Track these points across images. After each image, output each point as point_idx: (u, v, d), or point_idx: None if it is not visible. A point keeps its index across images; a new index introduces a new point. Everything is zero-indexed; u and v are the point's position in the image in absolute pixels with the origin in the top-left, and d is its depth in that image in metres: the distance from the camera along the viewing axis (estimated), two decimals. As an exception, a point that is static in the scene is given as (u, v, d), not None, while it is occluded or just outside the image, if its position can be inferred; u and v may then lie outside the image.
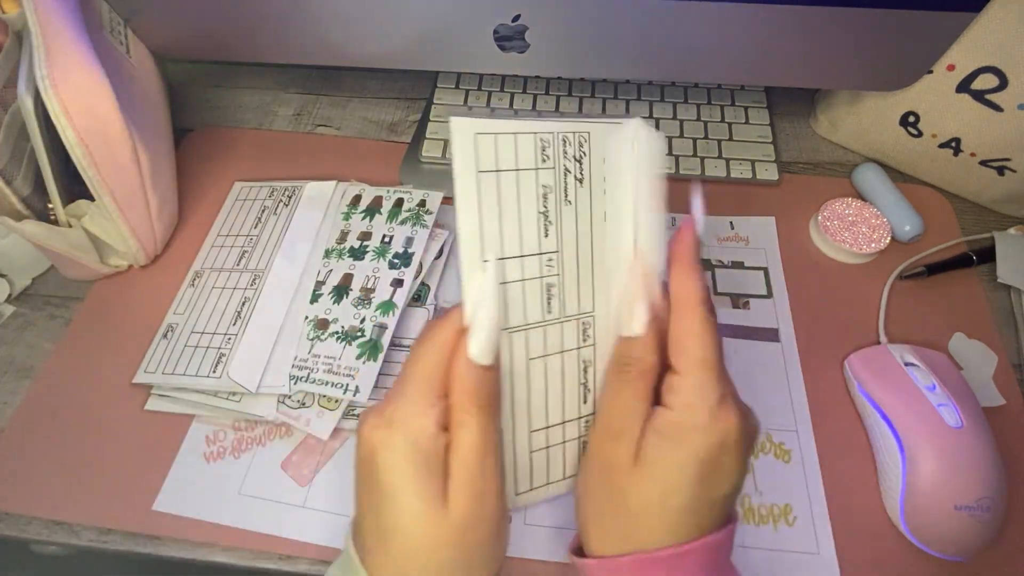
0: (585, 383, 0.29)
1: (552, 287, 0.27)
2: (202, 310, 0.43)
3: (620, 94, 0.54)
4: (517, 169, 0.25)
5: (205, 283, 0.45)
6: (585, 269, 0.28)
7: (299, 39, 0.46)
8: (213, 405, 0.39)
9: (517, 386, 0.28)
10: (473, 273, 0.25)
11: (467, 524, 0.24)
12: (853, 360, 0.40)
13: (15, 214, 0.39)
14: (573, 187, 0.26)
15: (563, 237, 0.27)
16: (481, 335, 0.24)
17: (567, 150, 0.26)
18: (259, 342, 0.40)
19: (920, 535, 0.34)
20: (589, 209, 0.27)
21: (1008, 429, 0.38)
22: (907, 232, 0.46)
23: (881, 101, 0.48)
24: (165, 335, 0.42)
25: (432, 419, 0.24)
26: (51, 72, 0.35)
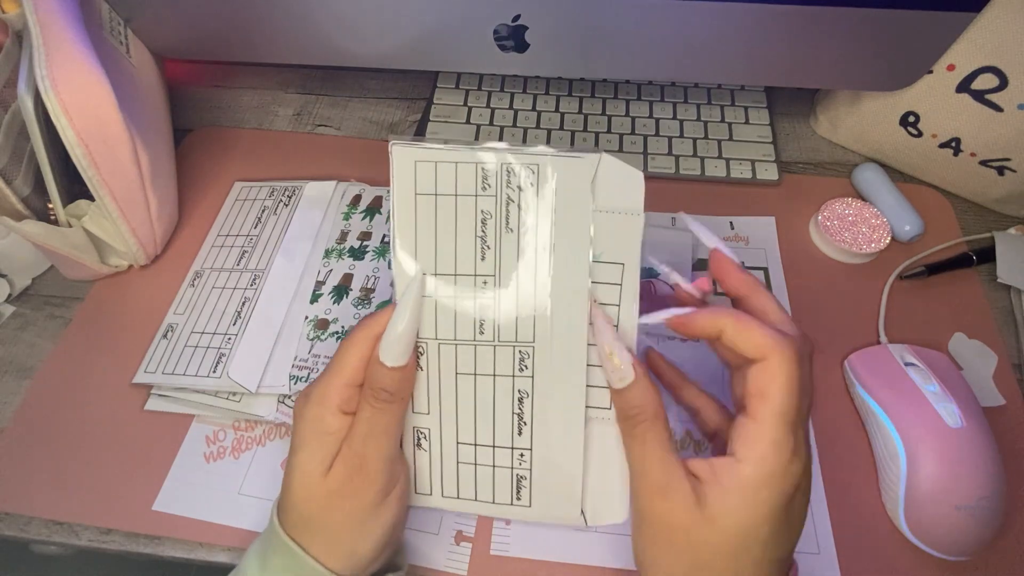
0: (520, 414, 0.29)
1: (486, 308, 0.28)
2: (202, 310, 0.43)
3: (620, 94, 0.54)
4: (456, 195, 0.26)
5: (205, 283, 0.45)
6: (525, 298, 0.27)
7: (299, 39, 0.46)
8: (213, 405, 0.39)
9: (445, 393, 0.29)
10: (401, 284, 0.27)
11: (340, 492, 0.27)
12: (853, 360, 0.40)
13: (15, 214, 0.39)
14: (516, 216, 0.27)
15: (500, 263, 0.27)
16: (387, 341, 0.27)
17: (511, 180, 0.26)
18: (259, 342, 0.40)
19: (920, 535, 0.34)
20: (535, 239, 0.27)
21: (1008, 429, 0.38)
22: (907, 232, 0.46)
23: (881, 101, 0.48)
24: (165, 335, 0.42)
25: (336, 402, 0.27)
26: (51, 72, 0.35)
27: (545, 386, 0.28)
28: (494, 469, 0.30)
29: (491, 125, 0.52)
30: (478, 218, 0.27)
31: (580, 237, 0.27)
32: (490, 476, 0.30)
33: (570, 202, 0.26)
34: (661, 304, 0.45)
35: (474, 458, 0.30)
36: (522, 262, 0.27)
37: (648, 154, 0.51)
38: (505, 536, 0.36)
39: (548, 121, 0.53)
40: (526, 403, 0.29)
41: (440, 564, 0.35)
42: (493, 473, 0.30)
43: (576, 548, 0.35)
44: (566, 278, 0.27)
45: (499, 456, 0.30)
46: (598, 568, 0.35)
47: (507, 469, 0.30)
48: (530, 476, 0.30)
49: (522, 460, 0.30)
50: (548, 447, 0.29)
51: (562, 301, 0.27)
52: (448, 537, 0.35)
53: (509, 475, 0.30)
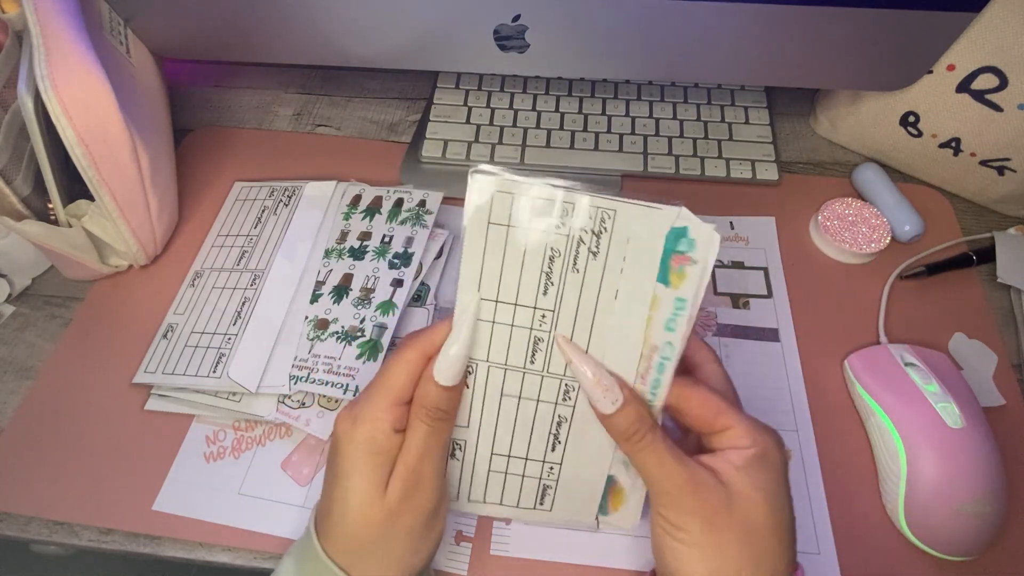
0: (557, 435, 0.31)
1: (540, 341, 0.29)
2: (202, 310, 0.43)
3: (620, 94, 0.54)
4: (528, 228, 0.27)
5: (205, 283, 0.45)
6: (581, 337, 0.28)
7: (299, 39, 0.46)
8: (213, 405, 0.39)
9: (487, 410, 0.30)
10: (463, 306, 0.28)
11: (399, 510, 0.28)
12: (853, 360, 0.40)
13: (15, 214, 0.39)
14: (585, 258, 0.27)
15: (563, 300, 0.28)
16: (444, 363, 0.28)
17: (586, 223, 0.27)
18: (259, 342, 0.40)
19: (920, 535, 0.34)
20: (599, 283, 0.27)
21: (1008, 429, 0.38)
22: (907, 232, 0.46)
23: (881, 101, 0.48)
24: (165, 335, 0.42)
25: (389, 421, 0.28)
26: (51, 72, 0.35)
27: (583, 418, 0.30)
28: (523, 479, 0.32)
29: (491, 125, 0.52)
30: (546, 254, 0.27)
31: (644, 289, 0.27)
32: (518, 484, 0.32)
33: (640, 253, 0.27)
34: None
35: (505, 468, 0.32)
36: (584, 302, 0.28)
37: (648, 154, 0.51)
38: (505, 536, 0.36)
39: (548, 121, 0.53)
40: (563, 427, 0.30)
41: (440, 564, 0.35)
42: (521, 482, 0.32)
43: (576, 548, 0.35)
44: (623, 327, 0.27)
45: (530, 468, 0.31)
46: (598, 568, 0.35)
47: (535, 479, 0.32)
48: (556, 486, 0.32)
49: (551, 472, 0.32)
50: (576, 464, 0.31)
51: (614, 348, 0.28)
52: (448, 537, 0.35)
53: (536, 484, 0.32)
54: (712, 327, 0.43)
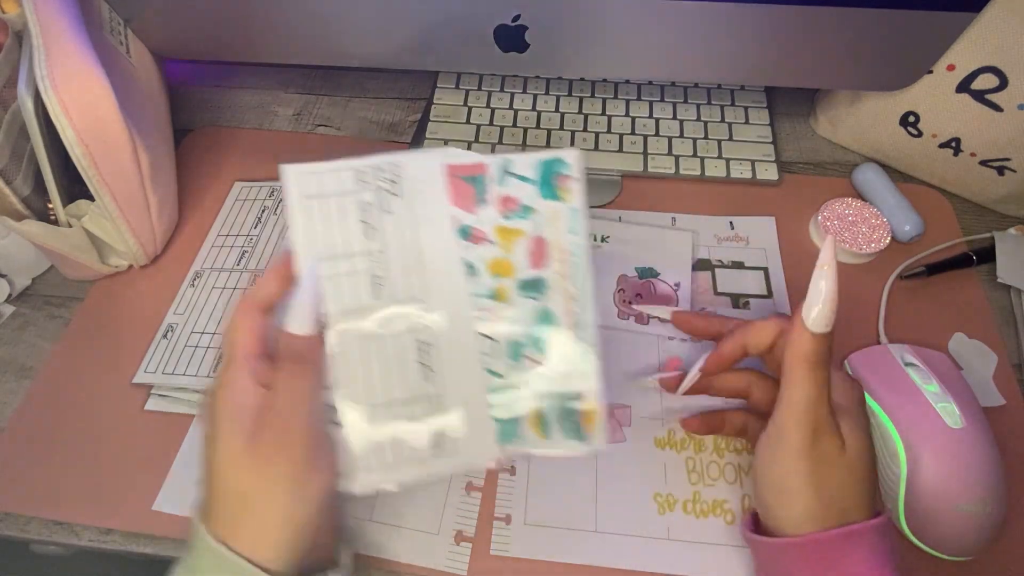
0: (425, 362, 0.32)
1: (380, 278, 0.31)
2: (202, 310, 0.43)
3: (620, 94, 0.54)
4: (340, 193, 0.32)
5: (205, 283, 0.45)
6: (412, 264, 0.32)
7: (299, 39, 0.46)
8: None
9: (353, 360, 0.31)
10: (299, 263, 0.31)
11: (271, 456, 0.28)
12: (853, 360, 0.40)
13: (15, 214, 0.39)
14: (389, 201, 0.32)
15: (386, 239, 0.32)
16: (293, 310, 0.29)
17: (382, 175, 0.32)
18: (259, 342, 0.40)
19: (920, 535, 0.34)
20: (410, 217, 0.32)
21: (1008, 429, 0.38)
22: (907, 232, 0.46)
23: (881, 101, 0.48)
24: (165, 335, 0.42)
25: (244, 377, 0.28)
26: (51, 72, 0.35)
27: (444, 334, 0.32)
28: (412, 425, 0.31)
29: (491, 125, 0.52)
30: (360, 207, 0.32)
31: (440, 212, 0.32)
32: (411, 433, 0.31)
33: (426, 186, 0.32)
34: (661, 303, 0.45)
35: (392, 416, 0.31)
36: (406, 237, 0.32)
37: (648, 154, 0.51)
38: (505, 536, 0.36)
39: (548, 121, 0.53)
40: (430, 352, 0.32)
41: (440, 564, 0.35)
42: (413, 429, 0.31)
43: (576, 548, 0.35)
44: (434, 241, 0.32)
45: (415, 409, 0.31)
46: (598, 568, 0.35)
47: (423, 424, 0.32)
48: (447, 424, 0.32)
49: (437, 408, 0.32)
50: (457, 391, 0.32)
51: (437, 260, 0.32)
52: (448, 537, 0.36)
53: (427, 429, 0.32)
54: (712, 327, 0.43)
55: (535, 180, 0.33)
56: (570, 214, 0.32)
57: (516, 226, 0.33)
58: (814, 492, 0.29)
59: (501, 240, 0.32)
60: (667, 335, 0.42)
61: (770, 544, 0.30)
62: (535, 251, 0.32)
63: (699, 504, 0.37)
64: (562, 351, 0.32)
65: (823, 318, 0.30)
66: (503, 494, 0.37)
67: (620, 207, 0.49)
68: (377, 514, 0.36)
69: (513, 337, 0.32)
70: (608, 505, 0.36)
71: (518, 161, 0.33)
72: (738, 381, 0.36)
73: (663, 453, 0.38)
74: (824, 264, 0.30)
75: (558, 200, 0.32)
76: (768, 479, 0.31)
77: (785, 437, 0.30)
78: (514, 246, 0.32)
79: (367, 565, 0.35)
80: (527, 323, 0.32)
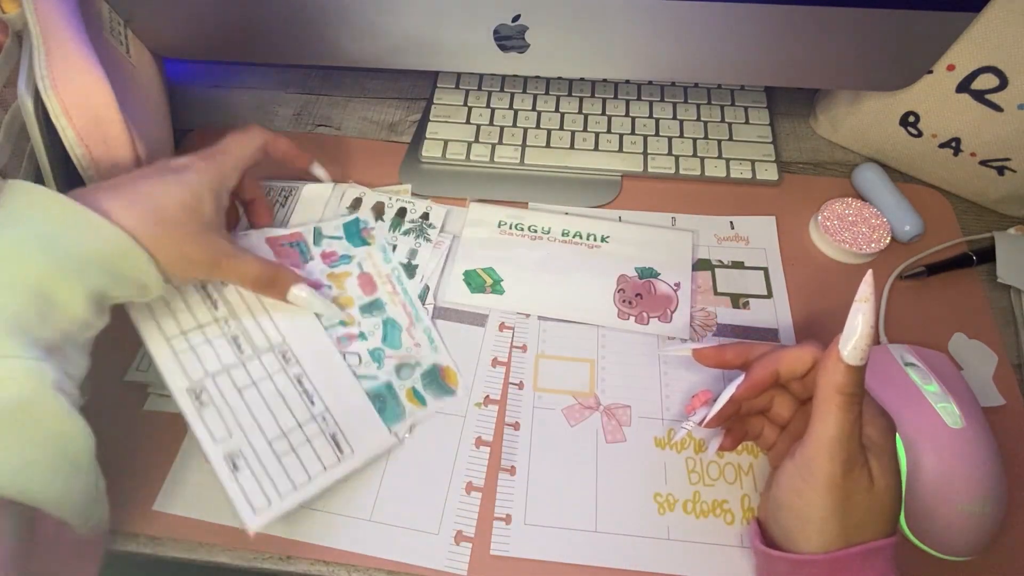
0: (305, 390, 0.37)
1: (237, 337, 0.37)
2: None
3: (620, 94, 0.54)
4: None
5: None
6: (263, 318, 0.38)
7: (299, 39, 0.46)
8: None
9: (239, 410, 0.35)
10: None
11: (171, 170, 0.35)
12: (853, 360, 0.40)
13: (15, 214, 0.39)
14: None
15: (231, 305, 0.38)
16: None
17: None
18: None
19: (920, 535, 0.34)
20: None
21: (1008, 429, 0.38)
22: (907, 232, 0.46)
23: (881, 101, 0.48)
24: (165, 335, 0.42)
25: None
26: (51, 72, 0.35)
27: (314, 364, 0.38)
28: (311, 443, 0.35)
29: (491, 125, 0.52)
30: (195, 287, 0.38)
31: None
32: (312, 451, 0.35)
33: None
34: (662, 303, 0.45)
35: (291, 446, 0.35)
36: (242, 297, 0.38)
37: (648, 154, 0.51)
38: (505, 536, 0.36)
39: (548, 121, 0.53)
40: (305, 381, 0.37)
41: (440, 564, 0.35)
42: (313, 448, 0.35)
43: (576, 548, 0.35)
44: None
45: (309, 429, 0.36)
46: (598, 568, 0.35)
47: (322, 436, 0.36)
48: (340, 430, 0.36)
49: (326, 421, 0.36)
50: (339, 401, 0.37)
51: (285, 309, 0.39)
52: (448, 537, 0.36)
53: (327, 441, 0.36)
54: (712, 327, 0.43)
55: (343, 236, 0.44)
56: (379, 251, 0.44)
57: (342, 270, 0.42)
58: (838, 523, 0.29)
59: (335, 283, 0.42)
60: (667, 335, 0.42)
61: (786, 559, 0.30)
62: (363, 283, 0.42)
63: (699, 504, 0.37)
64: (410, 340, 0.41)
65: (859, 351, 0.29)
66: (503, 494, 0.37)
67: (620, 207, 0.49)
68: (377, 514, 0.36)
69: (371, 347, 0.40)
70: (608, 505, 0.36)
71: (326, 227, 0.44)
72: (764, 399, 0.35)
73: (663, 453, 0.38)
74: (864, 298, 0.30)
75: (366, 244, 0.44)
76: (791, 507, 0.31)
77: (815, 471, 0.29)
78: (345, 283, 0.42)
79: (367, 565, 0.35)
80: (377, 333, 0.40)
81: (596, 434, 0.39)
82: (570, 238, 0.47)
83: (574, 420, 0.39)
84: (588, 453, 0.38)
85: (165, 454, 0.38)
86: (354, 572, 0.35)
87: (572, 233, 0.47)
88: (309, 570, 0.35)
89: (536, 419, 0.39)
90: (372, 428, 0.37)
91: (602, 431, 0.39)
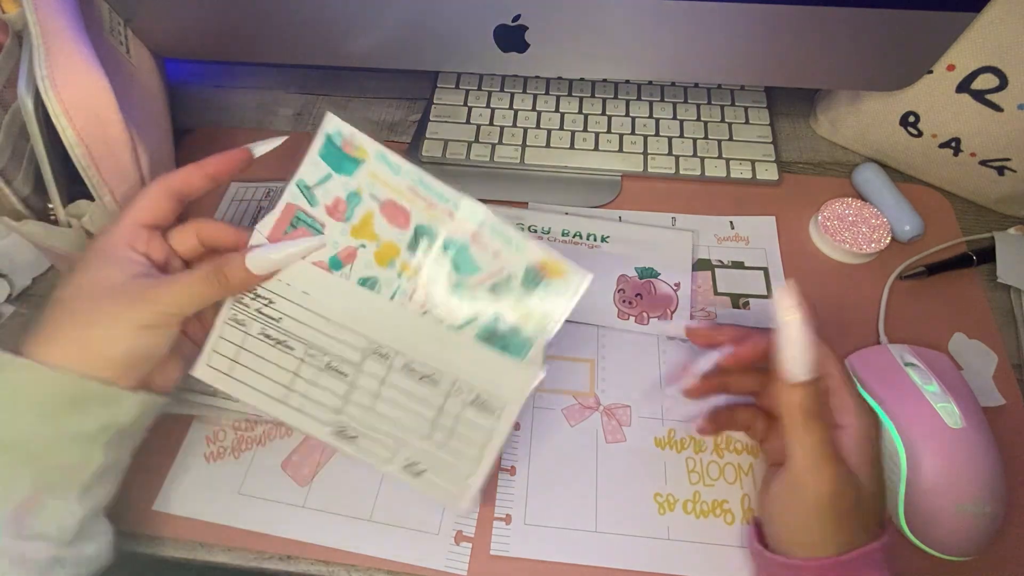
0: (424, 374, 0.33)
1: (330, 363, 0.33)
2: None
3: (620, 94, 0.54)
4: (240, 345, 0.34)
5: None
6: (332, 330, 0.33)
7: (299, 39, 0.46)
8: (213, 405, 0.39)
9: (386, 426, 0.33)
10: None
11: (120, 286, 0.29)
12: (853, 360, 0.40)
13: (15, 214, 0.39)
14: (268, 312, 0.33)
15: (301, 337, 0.33)
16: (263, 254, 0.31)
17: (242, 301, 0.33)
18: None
19: (921, 535, 0.34)
20: (293, 301, 0.33)
21: (1008, 429, 0.38)
22: (907, 232, 0.46)
23: (881, 101, 0.48)
24: (165, 335, 0.42)
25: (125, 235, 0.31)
26: (51, 72, 0.35)
27: (406, 344, 0.33)
28: (460, 418, 0.33)
29: (491, 125, 0.52)
30: (260, 337, 0.34)
31: (302, 271, 0.33)
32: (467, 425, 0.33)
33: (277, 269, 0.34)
34: (662, 303, 0.45)
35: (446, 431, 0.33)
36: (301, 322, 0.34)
37: (648, 154, 0.51)
38: (505, 536, 0.36)
39: (548, 121, 0.53)
40: (415, 365, 0.33)
41: (440, 564, 0.35)
42: (464, 420, 0.33)
43: (576, 548, 0.35)
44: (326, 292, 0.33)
45: (450, 407, 0.33)
46: (598, 568, 0.35)
47: (465, 406, 0.33)
48: (477, 391, 0.33)
49: (460, 391, 0.33)
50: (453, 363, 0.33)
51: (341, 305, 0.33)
52: (448, 537, 0.36)
53: (470, 408, 0.33)
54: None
55: (331, 169, 0.33)
56: (380, 163, 0.32)
57: (360, 216, 0.33)
58: (833, 533, 0.29)
59: (365, 236, 0.33)
60: (667, 335, 0.42)
61: (779, 563, 0.31)
62: (391, 215, 0.33)
63: (699, 504, 0.37)
64: (484, 252, 0.32)
65: (802, 366, 0.29)
66: (503, 494, 0.37)
67: (620, 207, 0.49)
68: (377, 514, 0.36)
69: (448, 287, 0.32)
70: (608, 505, 0.36)
71: (304, 170, 0.33)
72: (752, 381, 0.36)
73: (663, 453, 0.38)
74: (788, 313, 0.30)
75: (360, 162, 0.32)
76: (785, 521, 0.32)
77: (801, 489, 0.30)
78: (375, 230, 0.33)
79: (367, 565, 0.35)
80: (444, 266, 0.32)
81: (596, 434, 0.39)
82: (570, 238, 0.47)
83: (574, 420, 0.40)
84: (588, 453, 0.38)
85: (165, 454, 0.38)
86: (354, 572, 0.35)
87: (572, 233, 0.47)
88: (309, 570, 0.35)
89: (536, 419, 0.39)
90: (506, 372, 0.33)
91: (602, 431, 0.39)
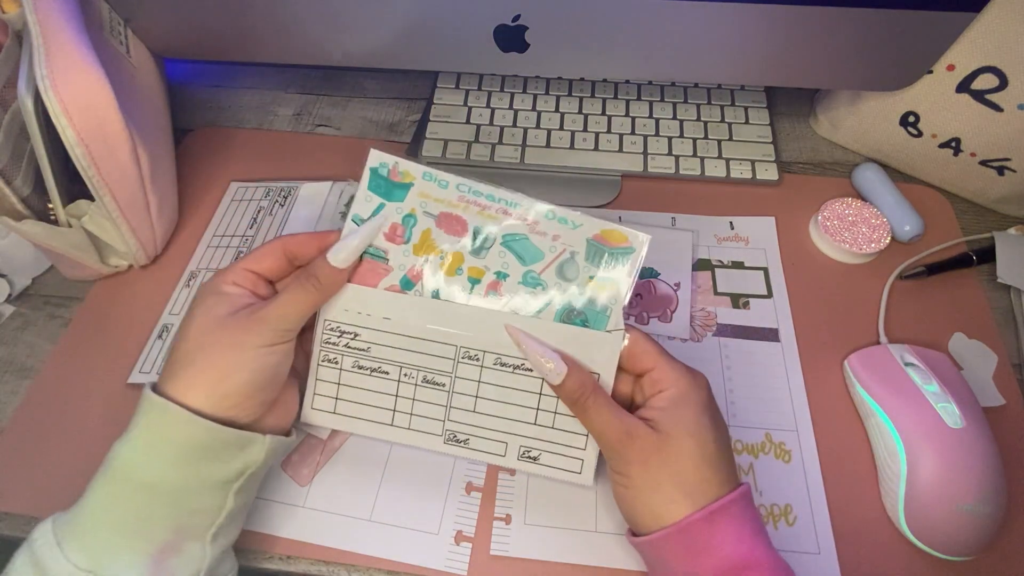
0: (516, 366, 0.34)
1: (427, 377, 0.35)
2: (202, 310, 0.43)
3: (620, 94, 0.54)
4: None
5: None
6: (419, 344, 0.34)
7: (299, 39, 0.46)
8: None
9: (493, 425, 0.35)
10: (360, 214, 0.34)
11: (230, 326, 0.30)
12: (853, 360, 0.40)
13: (15, 214, 0.39)
14: (355, 344, 0.35)
15: (392, 360, 0.35)
16: (342, 247, 0.32)
17: (333, 336, 0.35)
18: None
19: (920, 535, 0.34)
20: (380, 329, 0.35)
21: (1008, 429, 0.38)
22: (907, 232, 0.46)
23: (881, 101, 0.48)
24: (160, 336, 0.42)
25: (237, 278, 0.32)
26: (51, 72, 0.35)
27: (491, 341, 0.34)
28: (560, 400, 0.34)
29: (491, 125, 0.52)
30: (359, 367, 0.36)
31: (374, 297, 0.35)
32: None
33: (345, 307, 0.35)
34: (661, 303, 0.45)
35: (550, 415, 0.34)
36: (394, 348, 0.35)
37: (648, 154, 0.51)
38: (505, 536, 0.36)
39: (548, 121, 0.53)
40: (505, 359, 0.34)
41: (440, 564, 0.35)
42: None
43: (577, 548, 0.35)
44: (401, 314, 0.34)
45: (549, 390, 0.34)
46: (598, 568, 0.35)
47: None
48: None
49: None
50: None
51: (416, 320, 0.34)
52: (448, 537, 0.36)
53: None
54: (712, 327, 0.43)
55: (382, 199, 0.34)
56: (426, 180, 0.34)
57: (417, 233, 0.34)
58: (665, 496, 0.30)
59: (425, 252, 0.34)
60: (667, 336, 0.42)
61: (645, 543, 0.30)
62: (449, 226, 0.34)
63: (699, 504, 0.37)
64: (543, 238, 0.34)
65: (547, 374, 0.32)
66: (503, 494, 0.37)
67: (620, 207, 0.49)
68: (377, 514, 0.36)
69: (519, 279, 0.34)
70: (608, 505, 0.36)
71: (357, 206, 0.34)
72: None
73: (663, 453, 0.38)
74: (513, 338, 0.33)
75: (409, 186, 0.34)
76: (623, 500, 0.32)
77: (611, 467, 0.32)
78: (437, 243, 0.34)
79: (367, 565, 0.35)
80: (510, 260, 0.34)
81: (596, 434, 0.39)
82: (570, 238, 0.47)
83: (574, 420, 0.39)
84: (588, 453, 0.38)
85: (165, 454, 0.38)
86: (354, 572, 0.35)
87: (572, 233, 0.47)
88: (309, 570, 0.35)
89: (536, 419, 0.39)
90: (592, 344, 0.33)
91: (602, 431, 0.39)
